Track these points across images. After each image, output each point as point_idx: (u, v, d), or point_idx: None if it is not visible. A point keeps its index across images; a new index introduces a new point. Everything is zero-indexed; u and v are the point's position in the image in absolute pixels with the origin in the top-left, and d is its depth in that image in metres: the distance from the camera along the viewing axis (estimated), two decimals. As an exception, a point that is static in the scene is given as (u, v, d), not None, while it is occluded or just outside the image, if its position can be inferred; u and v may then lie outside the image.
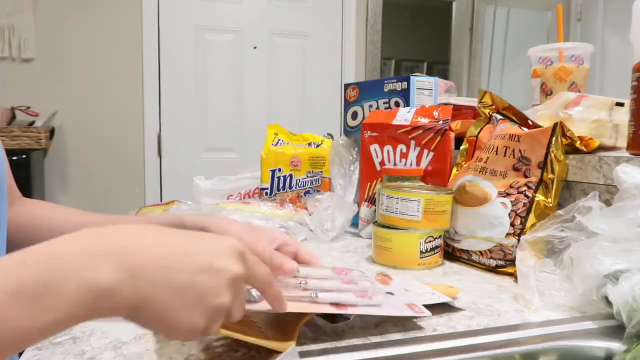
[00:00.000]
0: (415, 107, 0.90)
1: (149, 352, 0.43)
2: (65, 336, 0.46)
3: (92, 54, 2.41)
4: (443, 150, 0.84)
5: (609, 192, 0.67)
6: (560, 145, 0.70)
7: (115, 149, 2.50)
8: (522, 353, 0.45)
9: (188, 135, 2.62)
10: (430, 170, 0.85)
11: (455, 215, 0.76)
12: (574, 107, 0.77)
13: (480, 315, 0.52)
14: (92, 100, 2.45)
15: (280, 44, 2.74)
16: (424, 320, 0.50)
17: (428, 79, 0.96)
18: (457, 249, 0.74)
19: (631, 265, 0.49)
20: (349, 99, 1.05)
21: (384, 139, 0.89)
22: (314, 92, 2.80)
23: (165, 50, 2.56)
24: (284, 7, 2.73)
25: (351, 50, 2.86)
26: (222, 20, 2.64)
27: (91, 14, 2.42)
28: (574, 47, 0.93)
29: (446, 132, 0.84)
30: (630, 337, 0.44)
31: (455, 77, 3.10)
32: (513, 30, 3.21)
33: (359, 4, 2.86)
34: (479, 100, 0.85)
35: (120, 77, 2.49)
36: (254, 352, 0.43)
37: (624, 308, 0.45)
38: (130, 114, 2.52)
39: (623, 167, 0.56)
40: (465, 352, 0.44)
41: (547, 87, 0.95)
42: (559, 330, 0.48)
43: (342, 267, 0.51)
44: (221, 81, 2.66)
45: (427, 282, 0.65)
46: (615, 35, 3.02)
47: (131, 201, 2.45)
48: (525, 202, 0.69)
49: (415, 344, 0.44)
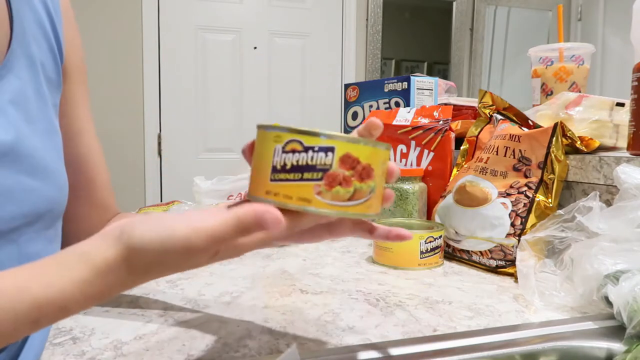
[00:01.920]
0: (415, 107, 0.90)
1: (149, 352, 0.43)
2: (65, 336, 0.46)
3: (92, 54, 2.41)
4: (443, 150, 0.84)
5: (609, 192, 0.67)
6: (560, 145, 0.70)
7: (115, 148, 2.50)
8: (522, 353, 0.45)
9: (188, 135, 2.62)
10: (431, 170, 0.85)
11: (455, 215, 0.76)
12: (574, 107, 0.77)
13: (480, 315, 0.52)
14: (91, 100, 2.44)
15: (280, 44, 2.74)
16: (424, 320, 0.50)
17: (428, 79, 0.96)
18: (457, 249, 0.74)
19: (631, 265, 0.49)
20: (349, 99, 1.05)
21: (384, 139, 0.89)
22: (314, 92, 2.80)
23: (165, 50, 2.56)
24: (284, 7, 2.73)
25: (351, 50, 2.86)
26: (222, 20, 2.64)
27: (91, 13, 2.42)
28: (574, 47, 0.93)
29: (446, 132, 0.84)
30: (630, 337, 0.44)
31: (455, 77, 3.10)
32: (513, 30, 3.21)
33: (359, 4, 2.86)
34: (479, 100, 0.85)
35: (120, 77, 2.49)
36: (254, 352, 0.43)
37: (624, 308, 0.45)
38: (130, 114, 2.52)
39: (623, 167, 0.56)
40: (465, 352, 0.43)
41: (547, 87, 0.95)
42: (559, 331, 0.48)
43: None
44: (221, 81, 2.66)
45: (427, 282, 0.65)
46: (615, 35, 3.02)
47: (131, 201, 2.45)
48: (526, 202, 0.69)
49: (415, 344, 0.44)
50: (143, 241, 0.31)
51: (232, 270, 0.69)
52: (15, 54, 0.42)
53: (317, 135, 0.35)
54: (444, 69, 3.14)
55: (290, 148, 0.35)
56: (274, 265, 0.72)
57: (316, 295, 0.58)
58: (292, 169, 0.35)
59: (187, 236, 0.31)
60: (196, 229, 0.31)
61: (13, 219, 0.39)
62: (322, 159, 0.35)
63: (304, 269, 0.70)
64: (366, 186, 0.36)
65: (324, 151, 0.35)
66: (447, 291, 0.61)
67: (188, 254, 0.31)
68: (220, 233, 0.31)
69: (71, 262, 0.31)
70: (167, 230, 0.31)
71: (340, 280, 0.64)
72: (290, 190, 0.35)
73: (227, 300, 0.56)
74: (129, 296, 0.57)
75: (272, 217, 0.32)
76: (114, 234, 0.32)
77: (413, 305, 0.55)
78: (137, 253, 0.31)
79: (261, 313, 0.52)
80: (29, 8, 0.45)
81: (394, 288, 0.61)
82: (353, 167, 0.35)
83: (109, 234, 0.32)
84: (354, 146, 0.35)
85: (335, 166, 0.35)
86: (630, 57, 0.71)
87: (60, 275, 0.30)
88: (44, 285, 0.30)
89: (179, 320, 0.50)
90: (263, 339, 0.46)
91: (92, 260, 0.31)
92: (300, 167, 0.35)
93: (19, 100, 0.42)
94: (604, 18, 3.09)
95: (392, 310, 0.54)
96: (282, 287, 0.62)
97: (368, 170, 0.36)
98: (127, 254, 0.31)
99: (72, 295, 0.30)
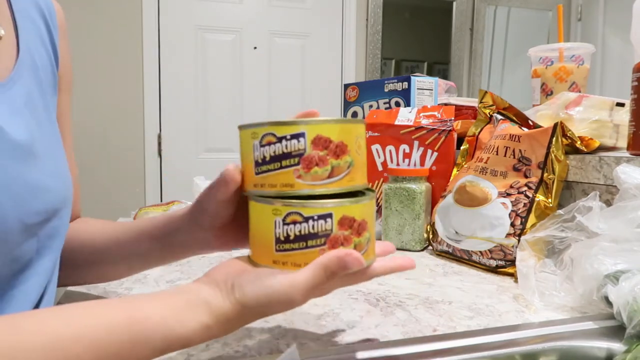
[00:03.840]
0: (416, 107, 0.90)
1: (149, 352, 0.43)
2: (65, 336, 0.46)
3: (92, 53, 2.41)
4: (447, 150, 0.84)
5: (609, 192, 0.67)
6: (560, 145, 0.70)
7: (115, 148, 2.50)
8: (522, 353, 0.45)
9: (188, 135, 2.62)
10: (435, 170, 0.85)
11: (455, 215, 0.76)
12: (574, 107, 0.77)
13: (480, 315, 0.52)
14: (92, 100, 2.44)
15: (280, 44, 2.74)
16: (424, 320, 0.50)
17: (428, 79, 0.96)
18: (457, 249, 0.74)
19: (631, 265, 0.49)
20: (349, 99, 1.05)
21: (386, 139, 0.89)
22: (314, 92, 2.80)
23: (165, 50, 2.56)
24: (284, 7, 2.73)
25: (351, 50, 2.86)
26: (222, 20, 2.64)
27: (91, 13, 2.42)
28: (574, 47, 0.93)
29: (450, 132, 0.84)
30: (630, 337, 0.44)
31: (455, 77, 3.10)
32: (513, 30, 3.21)
33: (359, 4, 2.86)
34: (479, 100, 0.85)
35: (120, 77, 2.49)
36: (254, 352, 0.43)
37: (624, 308, 0.45)
38: (130, 114, 2.52)
39: (623, 167, 0.56)
40: (465, 352, 0.43)
41: (547, 87, 0.95)
42: (559, 330, 0.48)
43: None
44: (221, 81, 2.66)
45: (427, 282, 0.65)
46: (615, 35, 3.02)
47: (131, 201, 2.45)
48: (526, 202, 0.69)
49: (415, 344, 0.44)
50: (254, 300, 0.36)
51: (232, 270, 0.68)
52: (23, 64, 0.47)
53: (287, 124, 0.37)
54: (444, 69, 3.14)
55: (266, 141, 0.38)
56: (274, 265, 0.71)
57: (316, 295, 0.58)
58: (272, 160, 0.38)
59: (287, 292, 0.36)
60: (293, 284, 0.36)
61: (38, 214, 0.43)
62: (296, 145, 0.37)
63: (304, 269, 0.70)
64: (343, 162, 0.38)
65: (296, 138, 0.37)
66: (447, 291, 0.61)
67: (289, 305, 0.36)
68: (314, 283, 0.36)
69: (199, 308, 0.36)
70: (271, 287, 0.36)
71: (340, 280, 0.64)
72: (273, 180, 0.38)
73: (227, 300, 0.56)
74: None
75: (352, 259, 0.36)
76: (227, 287, 0.37)
77: (413, 305, 0.55)
78: (249, 310, 0.36)
79: (261, 313, 0.52)
80: (30, 22, 0.51)
81: (394, 288, 0.61)
82: (326, 147, 0.38)
83: (222, 285, 0.37)
84: (323, 127, 0.38)
85: (309, 149, 0.37)
86: (630, 57, 0.71)
87: (191, 318, 0.35)
88: (179, 323, 0.35)
89: (179, 320, 0.50)
90: (263, 339, 0.46)
91: (213, 310, 0.36)
92: (277, 156, 0.38)
93: (29, 105, 0.46)
94: (604, 18, 3.09)
95: (392, 310, 0.54)
96: (282, 287, 0.62)
97: (342, 147, 0.38)
98: (241, 310, 0.36)
99: (194, 335, 0.35)
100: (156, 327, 0.34)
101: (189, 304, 0.36)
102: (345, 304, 0.55)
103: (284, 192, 0.38)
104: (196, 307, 0.36)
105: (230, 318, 0.36)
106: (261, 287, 0.36)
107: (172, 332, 0.34)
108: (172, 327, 0.34)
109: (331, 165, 0.38)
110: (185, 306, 0.36)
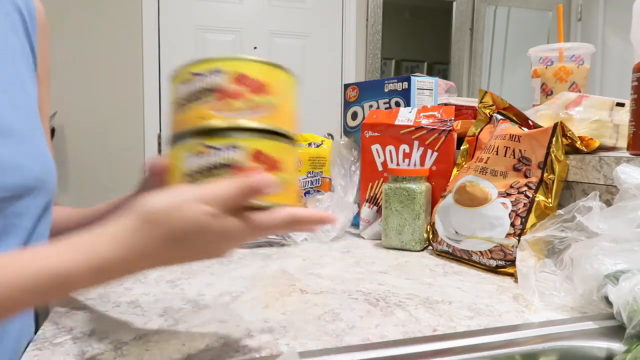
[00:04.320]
0: (416, 107, 0.90)
1: (149, 352, 0.43)
2: (65, 336, 0.46)
3: (92, 53, 2.41)
4: (447, 150, 0.84)
5: (609, 192, 0.67)
6: (560, 145, 0.70)
7: (115, 149, 2.50)
8: (522, 353, 0.45)
9: (188, 135, 2.62)
10: (435, 170, 0.85)
11: (455, 215, 0.76)
12: (574, 107, 0.77)
13: (480, 315, 0.52)
14: (92, 100, 2.44)
15: (280, 44, 2.74)
16: (424, 320, 0.50)
17: (428, 79, 0.96)
18: (457, 249, 0.74)
19: (631, 265, 0.49)
20: (349, 99, 1.05)
21: (386, 139, 0.89)
22: (314, 92, 2.80)
23: (165, 50, 2.56)
24: (284, 7, 2.73)
25: (351, 50, 2.86)
26: (222, 20, 2.64)
27: (91, 13, 2.42)
28: (574, 47, 0.93)
29: (450, 132, 0.84)
30: (630, 337, 0.44)
31: (455, 77, 3.10)
32: (513, 30, 3.21)
33: (359, 4, 2.86)
34: (479, 100, 0.85)
35: (120, 77, 2.49)
36: (254, 352, 0.43)
37: (624, 308, 0.45)
38: (130, 114, 2.52)
39: (623, 167, 0.56)
40: (465, 352, 0.44)
41: (547, 87, 0.95)
42: (559, 330, 0.48)
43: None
44: (221, 81, 2.66)
45: (427, 282, 0.65)
46: (615, 35, 3.02)
47: (131, 201, 2.45)
48: (526, 202, 0.69)
49: (415, 344, 0.44)
50: (157, 205, 0.34)
51: (232, 270, 0.69)
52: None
53: (206, 61, 0.38)
54: (444, 69, 3.14)
55: (184, 79, 0.39)
56: (274, 265, 0.72)
57: (316, 295, 0.58)
58: (190, 97, 0.39)
59: (189, 200, 0.33)
60: (203, 192, 0.34)
61: (5, 189, 0.44)
62: (215, 80, 0.38)
63: (304, 269, 0.70)
64: (262, 100, 0.38)
65: (213, 73, 0.38)
66: (447, 291, 0.61)
67: (198, 223, 0.33)
68: (223, 195, 0.34)
69: (87, 239, 0.34)
70: (172, 195, 0.34)
71: (340, 280, 0.64)
72: (192, 114, 0.38)
73: (227, 300, 0.56)
74: (129, 296, 0.57)
75: (262, 176, 0.35)
76: (127, 211, 0.34)
77: (413, 305, 0.55)
78: (155, 215, 0.33)
79: (261, 313, 0.52)
80: (3, 14, 0.52)
81: (394, 288, 0.61)
82: (244, 83, 0.38)
83: (122, 212, 0.35)
84: (242, 64, 0.38)
85: (226, 83, 0.38)
86: (630, 57, 0.71)
87: (75, 250, 0.33)
88: (57, 255, 0.33)
89: (179, 320, 0.50)
90: (263, 339, 0.46)
91: (111, 230, 0.34)
92: (194, 92, 0.38)
93: (6, 88, 0.48)
94: (604, 18, 3.09)
95: (392, 310, 0.54)
96: (282, 287, 0.62)
97: (260, 86, 0.38)
98: (146, 216, 0.34)
99: (74, 264, 0.33)
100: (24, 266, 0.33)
101: (79, 238, 0.34)
102: (345, 304, 0.55)
103: (199, 125, 0.38)
104: (85, 239, 0.34)
105: (136, 229, 0.33)
106: (162, 196, 0.34)
107: (39, 268, 0.33)
108: (47, 257, 0.33)
109: (249, 100, 0.38)
110: (74, 241, 0.34)
